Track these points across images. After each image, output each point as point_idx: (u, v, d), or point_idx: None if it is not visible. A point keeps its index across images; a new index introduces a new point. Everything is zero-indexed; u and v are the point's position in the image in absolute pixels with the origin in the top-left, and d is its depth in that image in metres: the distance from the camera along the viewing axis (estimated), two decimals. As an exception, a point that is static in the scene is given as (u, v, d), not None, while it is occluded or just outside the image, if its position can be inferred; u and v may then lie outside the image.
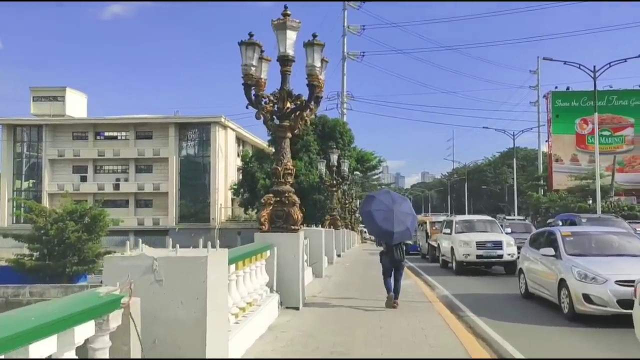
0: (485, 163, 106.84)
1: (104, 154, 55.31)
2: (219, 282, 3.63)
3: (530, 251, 10.13)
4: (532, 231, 22.77)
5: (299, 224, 7.86)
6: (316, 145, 42.69)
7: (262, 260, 6.92)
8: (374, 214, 8.40)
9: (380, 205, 8.42)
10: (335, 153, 20.47)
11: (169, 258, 3.40)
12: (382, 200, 8.53)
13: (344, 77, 53.48)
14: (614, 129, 61.78)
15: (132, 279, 3.27)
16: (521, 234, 21.32)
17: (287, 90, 7.91)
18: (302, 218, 8.09)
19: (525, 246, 10.58)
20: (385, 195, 8.83)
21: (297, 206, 7.98)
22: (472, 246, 14.96)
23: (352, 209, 42.43)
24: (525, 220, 26.06)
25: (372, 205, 8.57)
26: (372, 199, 8.84)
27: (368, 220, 8.68)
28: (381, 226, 8.26)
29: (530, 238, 10.79)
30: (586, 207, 47.56)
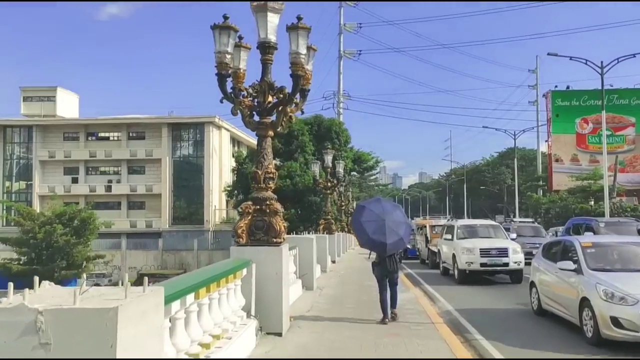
0: (483, 163, 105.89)
1: (96, 155, 54.11)
2: (142, 339, 2.54)
3: (544, 263, 9.07)
4: (542, 235, 21.73)
5: (282, 236, 6.79)
6: (312, 145, 41.66)
7: (236, 280, 5.86)
8: (365, 226, 7.97)
9: (371, 216, 8.00)
10: (330, 153, 19.40)
11: (62, 311, 2.30)
12: (373, 210, 8.10)
13: (340, 76, 52.53)
14: (615, 128, 60.83)
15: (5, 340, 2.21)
16: (531, 239, 20.49)
17: (269, 82, 6.85)
18: (286, 228, 7.03)
19: (538, 256, 9.53)
20: (375, 205, 8.35)
21: (280, 215, 6.91)
22: (475, 254, 13.91)
23: (348, 210, 41.39)
24: (535, 223, 24.86)
25: (362, 216, 8.13)
26: (362, 209, 8.36)
27: (359, 232, 8.23)
28: (373, 238, 7.87)
29: (543, 247, 9.73)
30: (588, 209, 46.59)
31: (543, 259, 9.18)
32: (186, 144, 55.22)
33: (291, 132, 42.40)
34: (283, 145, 42.57)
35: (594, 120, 61.25)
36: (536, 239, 20.27)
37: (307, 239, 11.11)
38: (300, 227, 41.51)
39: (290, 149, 42.50)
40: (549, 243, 9.73)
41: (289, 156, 42.41)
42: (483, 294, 12.61)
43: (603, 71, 22.93)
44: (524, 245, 19.09)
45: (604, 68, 23.00)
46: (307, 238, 11.16)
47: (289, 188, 40.03)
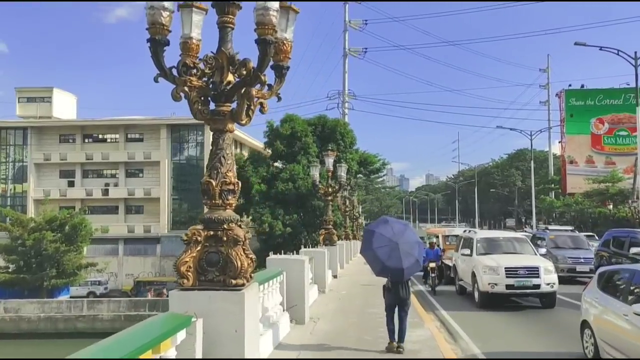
0: (492, 165, 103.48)
1: (93, 157, 52.26)
2: None
3: (603, 298, 6.94)
4: (585, 246, 19.07)
5: (246, 275, 4.71)
6: (315, 147, 39.65)
7: (168, 349, 3.77)
8: (378, 252, 7.33)
9: (382, 241, 7.38)
10: (331, 156, 17.25)
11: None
12: (383, 234, 7.44)
13: (345, 75, 50.43)
14: (632, 129, 58.24)
15: None
16: (572, 252, 17.73)
17: (228, 55, 4.78)
18: (253, 263, 4.93)
19: (592, 288, 7.39)
20: (384, 227, 7.60)
21: (246, 245, 4.84)
22: (500, 273, 11.76)
23: (354, 215, 39.27)
24: (575, 232, 21.32)
25: (373, 243, 7.45)
26: (372, 234, 7.59)
27: (372, 260, 7.50)
28: (388, 265, 7.24)
29: (600, 276, 7.56)
30: (606, 213, 44.24)
31: (601, 293, 7.04)
32: (186, 146, 53.31)
33: (294, 134, 40.47)
34: (285, 147, 40.65)
35: (609, 120, 58.84)
36: (579, 252, 17.86)
37: (296, 262, 9.00)
38: (303, 233, 39.68)
39: (293, 151, 40.55)
40: (609, 272, 7.46)
41: (291, 158, 40.45)
42: (513, 326, 10.49)
43: (637, 62, 20.70)
44: (565, 259, 16.85)
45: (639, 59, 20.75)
46: (297, 260, 9.05)
47: (292, 192, 38.07)
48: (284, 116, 41.93)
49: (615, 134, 58.73)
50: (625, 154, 57.72)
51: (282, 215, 37.65)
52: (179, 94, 4.65)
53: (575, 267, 16.70)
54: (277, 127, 41.32)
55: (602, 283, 7.23)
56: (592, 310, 7.08)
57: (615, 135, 58.75)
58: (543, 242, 17.87)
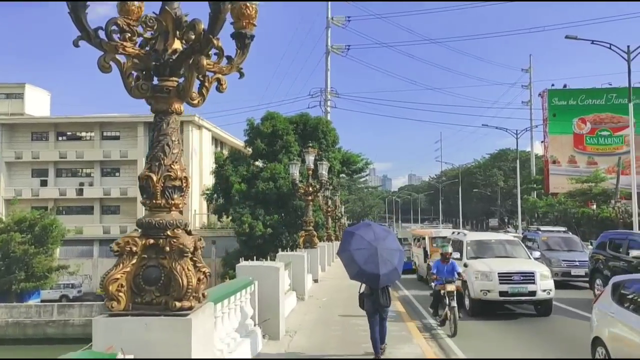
0: (474, 165, 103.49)
1: (66, 155, 50.47)
2: None
3: (620, 313, 6.05)
4: (579, 248, 18.21)
5: (199, 294, 3.70)
6: (297, 146, 38.57)
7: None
8: (355, 255, 6.99)
9: (361, 243, 7.04)
10: (312, 153, 16.28)
11: None
12: (363, 237, 7.11)
13: (327, 72, 49.44)
14: (614, 129, 58.42)
15: None
16: (566, 254, 16.83)
17: (174, 16, 3.76)
18: (207, 278, 3.92)
19: (605, 300, 6.51)
20: (366, 230, 7.31)
21: (197, 256, 3.83)
22: (493, 279, 10.88)
23: (336, 216, 38.38)
24: (568, 233, 20.02)
25: (351, 244, 7.12)
26: (352, 235, 7.24)
27: (348, 262, 7.11)
28: (364, 269, 6.90)
29: (614, 287, 6.64)
30: (590, 213, 44.00)
31: (617, 306, 6.15)
32: (164, 144, 51.81)
33: (275, 132, 39.37)
34: (266, 145, 39.55)
35: (592, 120, 58.82)
36: (574, 255, 16.96)
37: (270, 269, 7.98)
38: (284, 233, 38.59)
39: (274, 150, 39.44)
40: (626, 282, 6.53)
41: (272, 157, 39.35)
42: (508, 337, 9.63)
43: (630, 57, 20.07)
44: (559, 263, 15.98)
45: (632, 53, 20.11)
46: (271, 268, 8.02)
47: (273, 191, 36.99)
48: (265, 114, 40.84)
49: (598, 134, 58.73)
50: (607, 154, 57.76)
51: (262, 215, 36.54)
52: (107, 63, 3.61)
53: (570, 271, 15.92)
54: (257, 125, 40.20)
55: (618, 295, 6.33)
56: (607, 326, 6.20)
57: (597, 135, 58.75)
58: (534, 244, 17.04)
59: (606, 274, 12.80)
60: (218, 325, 5.24)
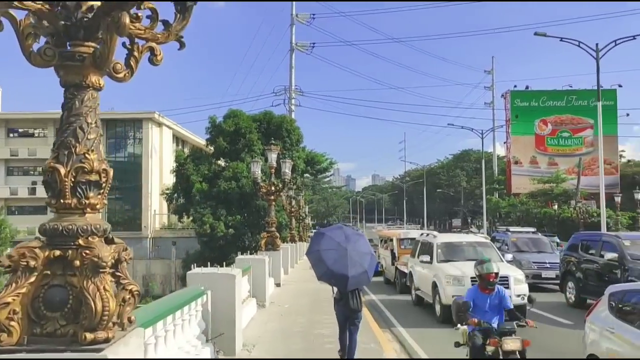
0: (438, 166, 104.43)
1: (18, 153, 48.09)
2: None
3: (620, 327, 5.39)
4: (549, 249, 17.77)
5: (123, 320, 2.86)
6: (260, 144, 37.63)
7: None
8: (324, 255, 6.71)
9: (331, 244, 6.81)
10: (274, 151, 15.44)
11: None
12: (333, 238, 6.91)
13: (292, 70, 48.61)
14: (574, 130, 59.64)
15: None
16: (536, 256, 16.45)
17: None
18: (136, 300, 3.07)
19: (602, 313, 5.81)
20: (336, 232, 7.12)
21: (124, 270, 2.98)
22: (465, 284, 10.28)
23: (300, 216, 37.60)
24: (537, 234, 19.34)
25: (320, 245, 6.86)
26: (322, 236, 7.04)
27: (317, 263, 6.82)
28: (332, 269, 6.62)
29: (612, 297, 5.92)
30: (552, 213, 44.55)
31: (617, 320, 5.53)
32: (122, 142, 49.92)
33: (238, 130, 38.29)
34: (229, 144, 38.43)
35: (553, 122, 59.87)
36: (544, 257, 16.59)
37: (225, 277, 7.10)
38: (247, 234, 37.54)
39: (236, 148, 38.35)
40: (626, 292, 5.75)
41: (235, 156, 38.26)
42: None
43: (599, 55, 19.98)
44: (530, 265, 15.54)
45: (600, 52, 20.04)
46: (226, 275, 7.14)
47: (235, 191, 35.92)
48: (228, 111, 39.80)
49: (558, 135, 59.82)
50: (568, 155, 58.89)
51: (224, 215, 35.46)
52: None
53: (540, 273, 15.55)
54: (220, 123, 39.07)
55: (615, 309, 5.68)
56: (604, 342, 5.55)
57: (558, 136, 59.85)
58: (504, 245, 16.63)
59: (579, 277, 12.44)
60: (150, 353, 4.37)
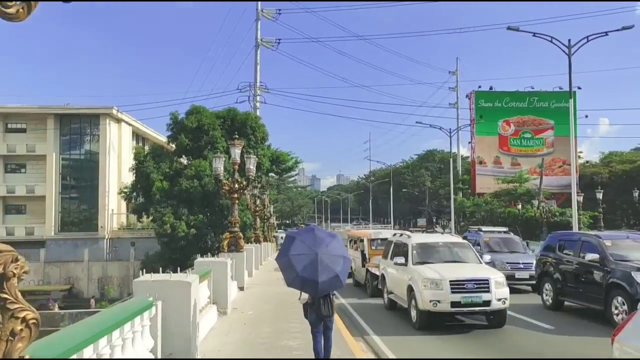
0: (403, 166, 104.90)
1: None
2: None
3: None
4: (521, 249, 16.93)
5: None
6: (224, 142, 36.37)
7: None
8: (293, 260, 6.44)
9: (301, 249, 6.55)
10: (238, 146, 14.45)
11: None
12: (304, 242, 6.64)
13: (257, 67, 47.45)
14: (535, 131, 60.43)
15: None
16: (509, 256, 15.97)
17: None
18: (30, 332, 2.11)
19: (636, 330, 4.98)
20: (307, 235, 6.83)
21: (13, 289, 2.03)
22: (444, 288, 9.57)
23: (265, 215, 36.55)
24: (509, 233, 18.87)
25: (290, 250, 6.55)
26: (292, 241, 6.74)
27: (286, 268, 6.55)
28: (302, 275, 6.36)
29: None
30: (515, 213, 44.83)
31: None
32: (77, 138, 47.67)
33: (201, 127, 36.98)
34: (191, 141, 37.07)
35: (515, 122, 60.52)
36: (517, 257, 16.08)
37: (177, 285, 6.13)
38: (209, 234, 36.27)
39: (199, 146, 37.06)
40: None
41: (197, 154, 36.95)
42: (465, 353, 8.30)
43: (571, 51, 19.73)
44: (503, 265, 14.96)
45: (572, 47, 19.78)
46: (180, 283, 6.18)
47: (197, 190, 34.62)
48: (190, 107, 38.42)
49: (521, 136, 60.53)
50: (530, 155, 59.65)
51: (186, 215, 34.14)
52: None
53: (514, 274, 15.05)
54: (182, 119, 37.69)
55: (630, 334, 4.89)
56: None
57: (520, 137, 60.55)
58: (476, 245, 16.06)
59: (557, 278, 11.93)
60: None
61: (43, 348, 2.63)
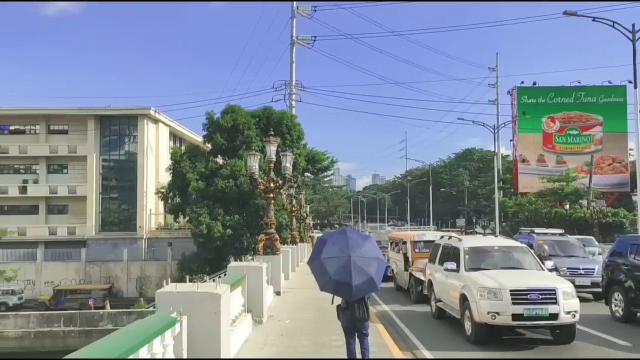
0: (440, 165, 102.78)
1: (8, 150, 46.23)
2: None
3: None
4: (580, 253, 15.28)
5: None
6: (259, 141, 35.87)
7: None
8: (326, 264, 6.21)
9: (333, 251, 6.29)
10: (273, 143, 13.71)
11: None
12: (336, 244, 6.37)
13: (292, 65, 46.74)
14: (582, 127, 57.84)
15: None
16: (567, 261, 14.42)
17: None
18: None
19: None
20: (339, 237, 6.53)
21: None
22: (503, 298, 8.52)
23: (301, 216, 35.83)
24: (566, 235, 17.17)
25: (323, 253, 6.31)
26: (324, 243, 6.48)
27: (319, 272, 6.28)
28: (335, 279, 6.11)
29: None
30: (563, 213, 42.79)
31: None
32: (117, 139, 48.11)
33: (236, 126, 36.58)
34: (226, 140, 36.73)
35: (561, 119, 58.08)
36: (577, 262, 14.61)
37: (206, 297, 5.34)
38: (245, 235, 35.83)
39: (234, 145, 36.65)
40: None
41: (233, 153, 36.56)
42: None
43: (635, 37, 18.18)
44: (563, 271, 13.72)
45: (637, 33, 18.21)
46: (207, 295, 5.38)
47: (233, 189, 34.20)
48: (226, 107, 38.02)
49: (566, 133, 58.06)
50: (576, 152, 57.15)
51: (221, 215, 33.75)
52: None
53: (573, 281, 13.73)
54: (217, 119, 37.38)
55: None
56: None
57: (566, 133, 58.09)
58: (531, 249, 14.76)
59: (629, 286, 10.69)
60: None
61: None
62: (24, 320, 30.07)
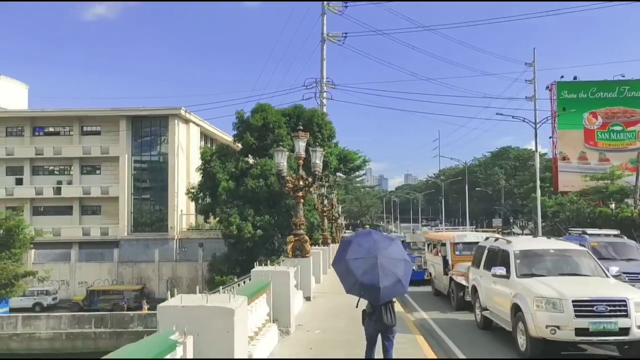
0: (475, 164, 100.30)
1: (43, 152, 46.87)
2: None
3: None
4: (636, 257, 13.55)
5: None
6: (290, 140, 35.00)
7: None
8: (352, 265, 6.02)
9: (359, 252, 6.09)
10: (302, 138, 12.85)
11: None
12: (361, 245, 6.19)
13: (323, 62, 45.75)
14: (627, 123, 55.17)
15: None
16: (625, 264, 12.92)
17: None
18: None
19: None
20: (365, 238, 6.35)
21: None
22: (565, 310, 7.42)
23: (333, 216, 34.87)
24: (622, 237, 15.78)
25: (347, 254, 6.13)
26: (348, 244, 6.33)
27: (345, 274, 6.11)
28: (362, 281, 5.92)
29: None
30: (608, 213, 40.62)
31: None
32: (148, 139, 48.16)
33: (266, 125, 35.87)
34: (257, 139, 36.09)
35: (603, 114, 55.53)
36: (635, 265, 13.26)
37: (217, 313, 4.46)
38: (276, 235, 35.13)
39: (264, 144, 35.95)
40: None
41: (263, 153, 35.89)
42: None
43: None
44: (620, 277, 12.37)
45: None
46: (219, 310, 4.53)
47: (263, 189, 33.51)
48: (256, 106, 37.35)
49: (610, 129, 55.49)
50: (620, 149, 54.56)
51: (252, 215, 33.09)
52: None
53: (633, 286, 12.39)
54: (247, 117, 36.77)
55: None
56: None
57: (609, 129, 55.53)
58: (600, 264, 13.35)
59: None
60: None
61: None
62: (55, 322, 30.11)
